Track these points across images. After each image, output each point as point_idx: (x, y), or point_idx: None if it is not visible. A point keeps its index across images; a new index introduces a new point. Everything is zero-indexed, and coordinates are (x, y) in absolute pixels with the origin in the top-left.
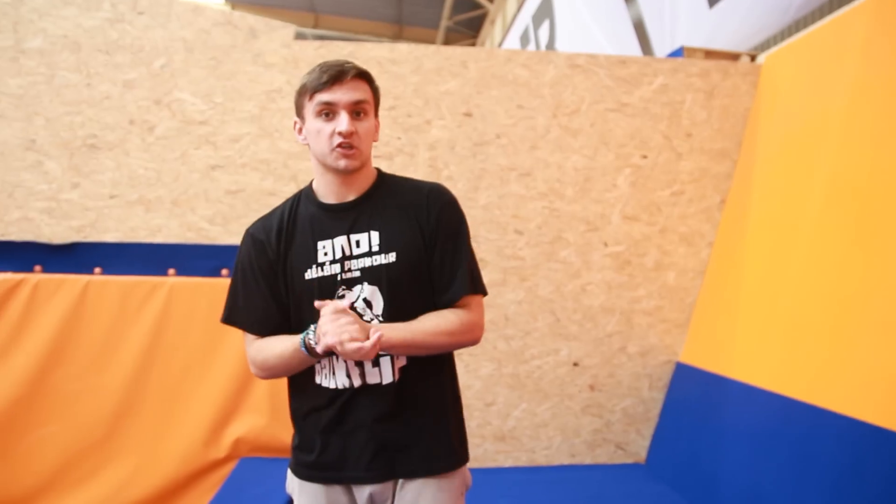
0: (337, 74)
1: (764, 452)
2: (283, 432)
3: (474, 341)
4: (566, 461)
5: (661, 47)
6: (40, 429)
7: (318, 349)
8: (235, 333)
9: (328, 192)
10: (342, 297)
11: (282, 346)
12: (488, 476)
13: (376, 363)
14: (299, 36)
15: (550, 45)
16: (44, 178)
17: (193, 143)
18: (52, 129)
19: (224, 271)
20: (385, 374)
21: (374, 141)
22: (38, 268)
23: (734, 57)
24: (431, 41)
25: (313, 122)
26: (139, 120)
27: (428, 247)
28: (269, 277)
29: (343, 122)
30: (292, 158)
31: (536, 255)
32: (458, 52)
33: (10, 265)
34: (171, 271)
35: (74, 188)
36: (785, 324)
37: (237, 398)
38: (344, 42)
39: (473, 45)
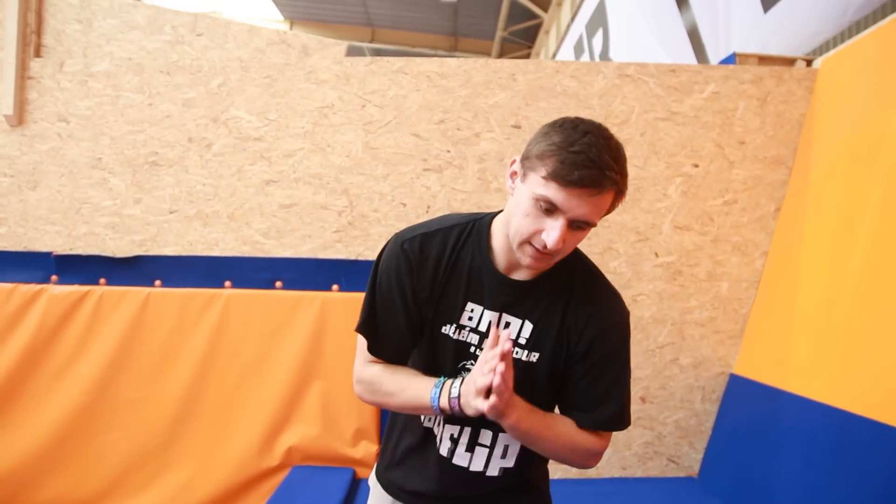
0: (591, 181)
1: (820, 467)
2: (335, 442)
3: (584, 467)
4: (617, 474)
5: (716, 54)
6: (104, 435)
7: (456, 411)
8: (288, 345)
9: (503, 260)
10: (468, 369)
11: (412, 391)
12: None
13: (478, 440)
14: (355, 51)
15: (604, 53)
16: (108, 194)
17: (249, 159)
18: (117, 148)
19: (278, 283)
20: (485, 456)
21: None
22: (102, 280)
23: (789, 62)
24: (487, 52)
25: (527, 200)
26: (197, 137)
27: (573, 358)
28: (411, 303)
29: (556, 232)
30: (344, 173)
31: None
32: (506, 64)
33: (77, 278)
34: (228, 283)
35: (137, 203)
36: (841, 335)
37: (290, 407)
38: (395, 58)
39: (528, 55)
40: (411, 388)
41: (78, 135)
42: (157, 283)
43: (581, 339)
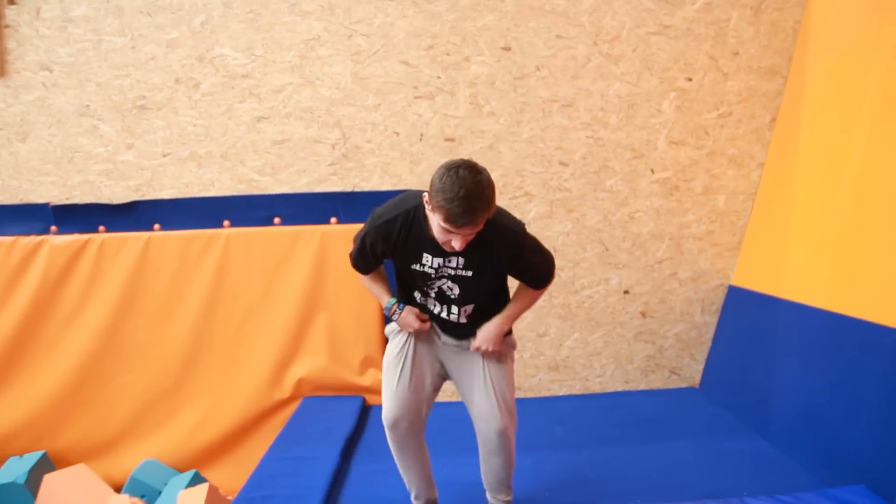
0: (470, 224)
1: (816, 371)
2: (344, 371)
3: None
4: (620, 388)
5: None
6: (117, 378)
7: (395, 321)
8: (291, 280)
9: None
10: (430, 285)
11: (376, 292)
12: (543, 404)
13: (451, 311)
14: None
15: None
16: (100, 141)
17: (238, 97)
18: (104, 94)
19: (276, 220)
20: (455, 316)
21: None
22: (101, 228)
23: None
24: None
25: (436, 225)
26: (184, 78)
27: (504, 267)
28: (379, 255)
29: (457, 243)
30: (335, 105)
31: (582, 186)
32: None
33: (76, 227)
34: (226, 223)
35: (129, 149)
36: (838, 241)
37: (297, 341)
38: None
39: None
40: (382, 294)
41: (63, 83)
42: (156, 227)
43: (503, 257)
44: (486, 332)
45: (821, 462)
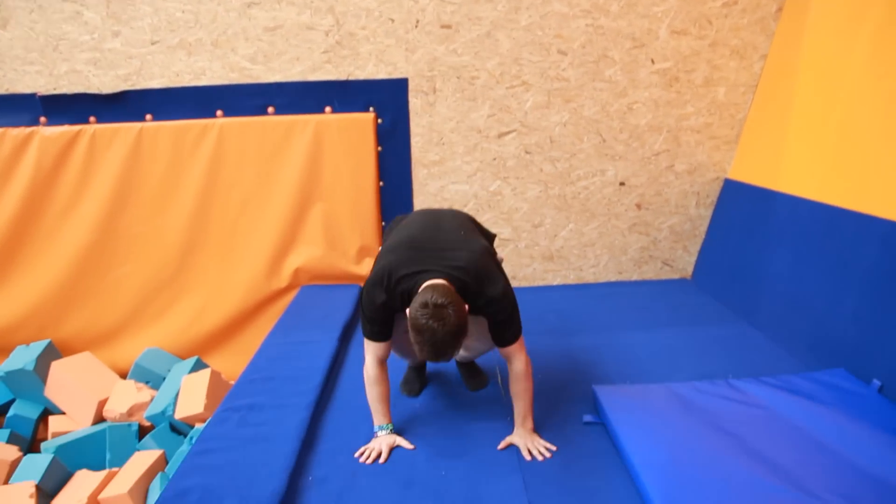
0: (439, 361)
1: (806, 261)
2: (340, 260)
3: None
4: (613, 278)
5: None
6: (116, 269)
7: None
8: (286, 170)
9: None
10: None
11: (375, 406)
12: (537, 294)
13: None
14: None
15: None
16: (85, 28)
17: None
18: None
19: (270, 109)
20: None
21: None
22: (92, 119)
23: None
24: None
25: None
26: None
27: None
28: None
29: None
30: None
31: (581, 76)
32: None
33: (66, 117)
34: (219, 112)
35: (116, 37)
36: (836, 134)
37: (294, 231)
38: None
39: None
40: (373, 407)
41: None
42: (148, 117)
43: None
44: (523, 441)
45: (805, 347)
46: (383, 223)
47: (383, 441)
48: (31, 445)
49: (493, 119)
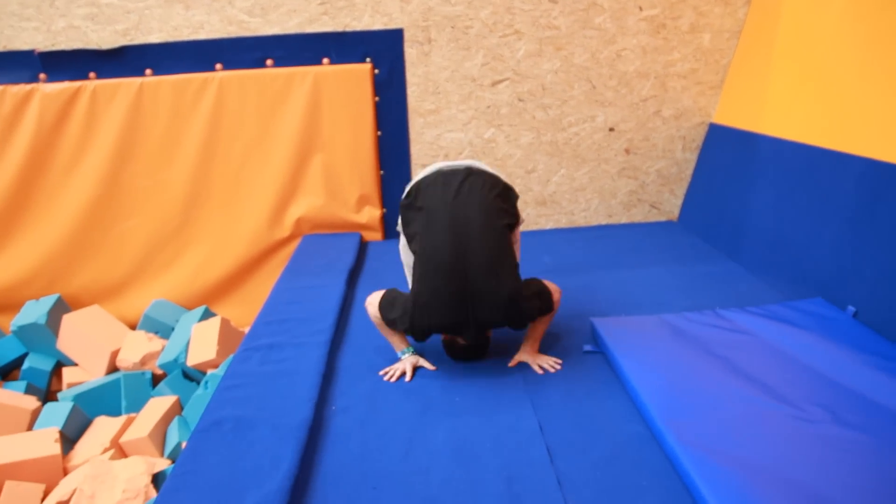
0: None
1: (787, 200)
2: (341, 209)
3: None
4: (603, 221)
5: None
6: (121, 223)
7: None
8: (286, 121)
9: None
10: None
11: (387, 334)
12: (531, 237)
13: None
14: None
15: None
16: None
17: None
18: None
19: (269, 62)
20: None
21: None
22: (92, 74)
23: None
24: None
25: None
26: None
27: None
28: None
29: None
30: None
31: (571, 24)
32: None
33: (66, 74)
34: (219, 66)
35: None
36: (816, 76)
37: (294, 181)
38: None
39: None
40: (390, 338)
41: None
42: (148, 72)
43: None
44: (532, 358)
45: (786, 280)
46: (381, 172)
47: (407, 361)
48: (46, 397)
49: (486, 68)
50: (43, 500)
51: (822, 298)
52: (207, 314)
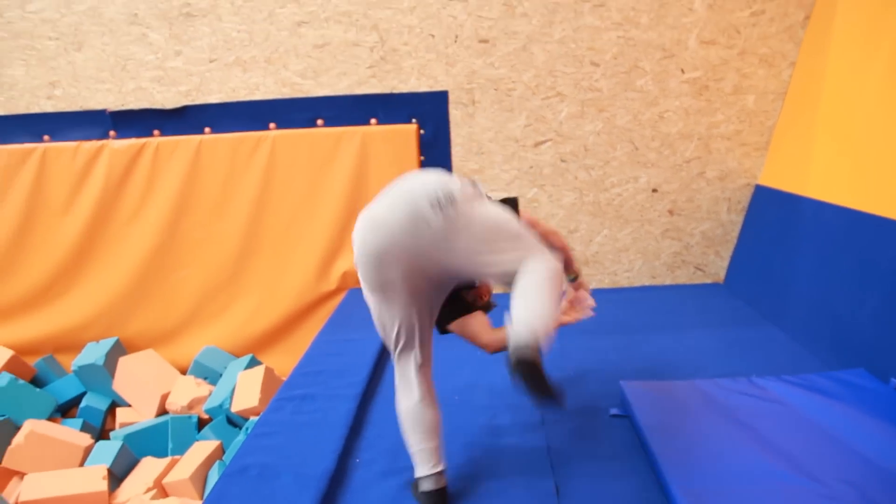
0: None
1: (831, 265)
2: None
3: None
4: (647, 282)
5: None
6: (177, 272)
7: None
8: (334, 178)
9: None
10: None
11: None
12: None
13: None
14: None
15: None
16: (150, 49)
17: (278, 2)
18: (150, 2)
19: (319, 121)
20: None
21: None
22: (156, 132)
23: None
24: None
25: None
26: None
27: None
28: None
29: None
30: (372, 8)
31: (613, 86)
32: None
33: (132, 131)
34: (272, 125)
35: (178, 56)
36: (859, 139)
37: (342, 235)
38: None
39: None
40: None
41: None
42: (207, 130)
43: None
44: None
45: (828, 348)
46: None
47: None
48: (100, 434)
49: (529, 129)
50: None
51: (864, 369)
52: (254, 362)
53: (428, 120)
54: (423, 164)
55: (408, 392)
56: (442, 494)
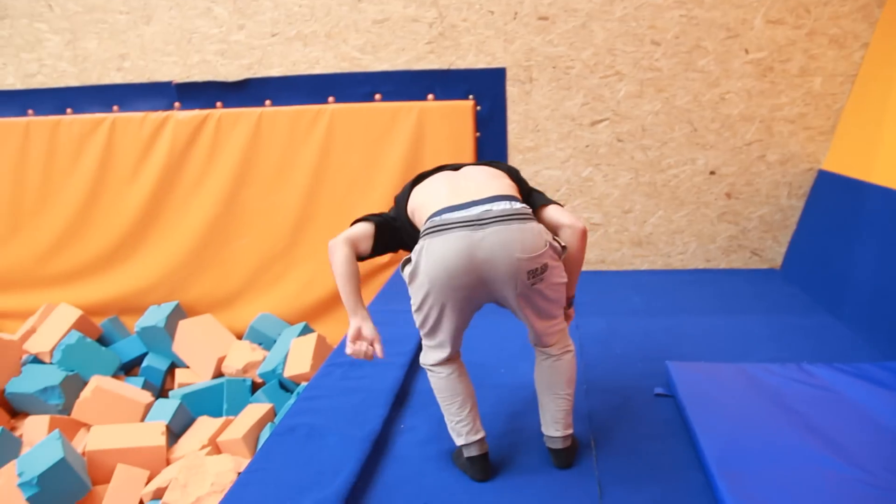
0: None
1: (893, 253)
2: None
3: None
4: (701, 266)
5: None
6: (236, 241)
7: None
8: (390, 153)
9: None
10: None
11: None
12: (624, 277)
13: None
14: None
15: None
16: (214, 22)
17: None
18: None
19: (377, 96)
20: None
21: None
22: (219, 104)
23: None
24: None
25: None
26: None
27: None
28: None
29: None
30: None
31: (674, 66)
32: None
33: (196, 103)
34: (331, 99)
35: (241, 30)
36: None
37: None
38: None
39: None
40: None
41: None
42: (267, 102)
43: None
44: None
45: (886, 339)
46: None
47: (363, 328)
48: (160, 393)
49: (586, 107)
50: (146, 484)
51: None
52: (307, 330)
53: (485, 97)
54: (478, 141)
55: (439, 369)
56: (485, 460)
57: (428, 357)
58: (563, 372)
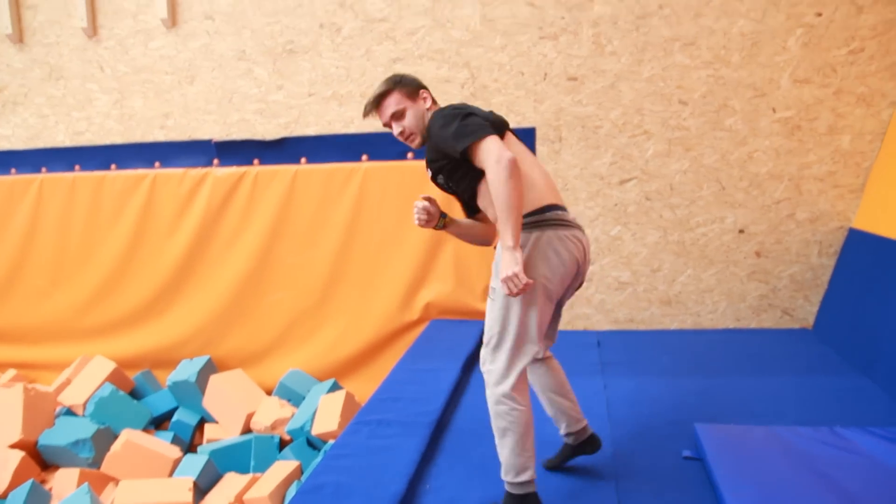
0: (369, 109)
1: None
2: (467, 296)
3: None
4: (731, 325)
5: None
6: (270, 296)
7: None
8: None
9: None
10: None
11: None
12: (653, 337)
13: None
14: None
15: None
16: (254, 83)
17: (376, 40)
18: (258, 39)
19: (409, 155)
20: None
21: (427, 116)
22: (256, 161)
23: None
24: None
25: None
26: (328, 23)
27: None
28: None
29: (392, 130)
30: (464, 46)
31: (701, 125)
32: None
33: (234, 160)
34: (364, 157)
35: (279, 90)
36: None
37: (426, 267)
38: None
39: None
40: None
41: (223, 30)
42: (303, 160)
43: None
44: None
45: None
46: None
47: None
48: (189, 448)
49: (615, 166)
50: None
51: None
52: (335, 387)
53: None
54: None
55: (521, 397)
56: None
57: (514, 371)
58: (561, 368)
